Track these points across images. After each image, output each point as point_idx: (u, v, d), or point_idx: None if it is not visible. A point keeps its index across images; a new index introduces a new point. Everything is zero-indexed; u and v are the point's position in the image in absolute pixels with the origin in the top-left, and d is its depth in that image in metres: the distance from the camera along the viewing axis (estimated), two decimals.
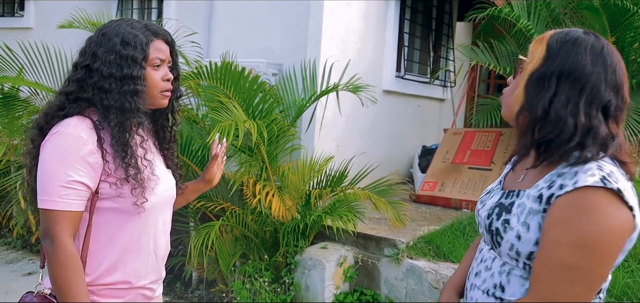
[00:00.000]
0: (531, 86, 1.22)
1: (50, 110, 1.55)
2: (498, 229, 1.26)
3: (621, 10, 4.46)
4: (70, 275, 1.45)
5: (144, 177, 1.54)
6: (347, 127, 5.11)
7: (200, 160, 4.00)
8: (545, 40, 1.25)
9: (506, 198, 1.29)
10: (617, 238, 1.12)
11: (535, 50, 1.26)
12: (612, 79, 1.19)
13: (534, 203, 1.21)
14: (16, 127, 4.40)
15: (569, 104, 1.17)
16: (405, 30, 5.99)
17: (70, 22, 4.48)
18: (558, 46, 1.22)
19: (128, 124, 1.53)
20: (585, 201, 1.11)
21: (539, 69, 1.22)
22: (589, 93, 1.17)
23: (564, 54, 1.20)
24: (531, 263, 1.20)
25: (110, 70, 1.51)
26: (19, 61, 4.46)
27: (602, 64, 1.19)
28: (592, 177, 1.12)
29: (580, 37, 1.21)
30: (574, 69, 1.18)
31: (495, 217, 1.28)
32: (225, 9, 5.30)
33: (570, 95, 1.18)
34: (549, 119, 1.19)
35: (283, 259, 3.90)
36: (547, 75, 1.20)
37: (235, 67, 3.75)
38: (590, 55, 1.19)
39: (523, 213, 1.22)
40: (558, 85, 1.19)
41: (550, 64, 1.21)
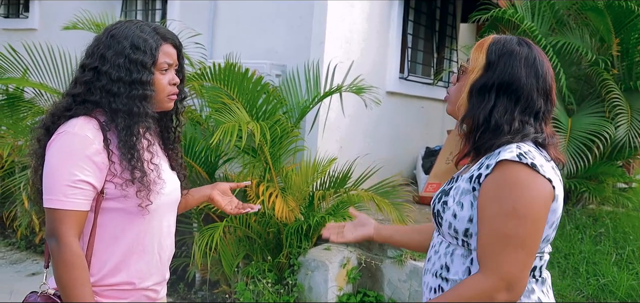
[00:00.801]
0: (474, 96, 1.37)
1: (56, 111, 1.55)
2: (439, 211, 1.41)
3: (626, 11, 4.44)
4: (75, 274, 1.45)
5: (150, 180, 1.54)
6: (351, 128, 5.10)
7: (203, 161, 4.00)
8: (485, 48, 1.39)
9: (448, 185, 1.45)
10: (541, 205, 1.27)
11: (477, 57, 1.39)
12: (542, 87, 1.36)
13: (465, 183, 1.36)
14: (20, 128, 4.41)
15: (506, 113, 1.34)
16: (408, 32, 5.99)
17: (75, 24, 4.49)
18: (497, 57, 1.36)
19: (136, 127, 1.53)
20: (508, 174, 1.26)
21: (479, 80, 1.37)
22: (523, 102, 1.34)
23: (502, 66, 1.35)
24: (468, 240, 1.35)
25: (119, 74, 1.51)
26: (23, 62, 4.47)
27: (534, 75, 1.35)
28: (510, 153, 1.28)
29: (515, 49, 1.36)
30: (511, 82, 1.34)
31: (437, 201, 1.43)
32: (229, 10, 5.30)
33: (508, 106, 1.34)
34: (489, 127, 1.34)
35: (286, 260, 3.90)
36: (488, 87, 1.35)
37: (238, 68, 3.75)
38: (524, 67, 1.34)
39: (457, 194, 1.37)
40: (497, 97, 1.34)
41: (490, 75, 1.35)
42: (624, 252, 4.09)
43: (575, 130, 4.27)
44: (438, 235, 1.46)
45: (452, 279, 1.37)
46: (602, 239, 4.36)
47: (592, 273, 3.80)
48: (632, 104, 4.42)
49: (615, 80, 4.52)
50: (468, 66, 1.41)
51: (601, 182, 5.06)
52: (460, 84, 1.43)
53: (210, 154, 3.96)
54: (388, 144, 5.72)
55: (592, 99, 4.69)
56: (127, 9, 6.23)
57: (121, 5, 6.19)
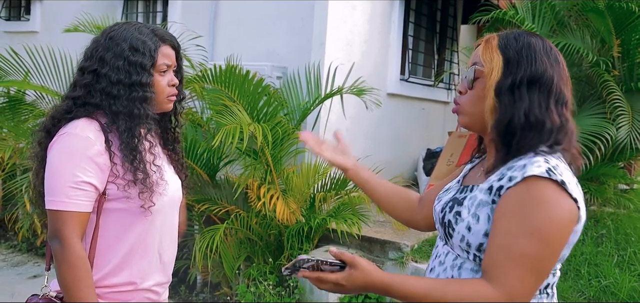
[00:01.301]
0: (505, 96, 1.25)
1: (57, 113, 1.55)
2: (450, 221, 1.30)
3: (626, 12, 4.44)
4: (78, 275, 1.45)
5: (153, 182, 1.54)
6: (352, 130, 5.11)
7: (205, 163, 4.00)
8: (495, 46, 1.29)
9: (461, 194, 1.34)
10: (565, 228, 1.18)
11: (490, 58, 1.28)
12: (564, 75, 1.28)
13: (484, 195, 1.26)
14: (22, 131, 4.42)
15: (542, 107, 1.24)
16: (409, 33, 5.99)
17: (76, 26, 4.50)
18: (516, 53, 1.26)
19: (136, 129, 1.53)
20: (535, 191, 1.16)
21: (504, 79, 1.26)
22: (554, 93, 1.25)
23: (525, 60, 1.25)
24: (481, 255, 1.25)
25: (118, 77, 1.52)
26: (24, 65, 4.48)
27: (557, 63, 1.27)
28: (539, 168, 1.17)
29: (532, 41, 1.28)
30: (540, 75, 1.25)
31: (448, 210, 1.32)
32: (230, 12, 5.31)
33: (542, 100, 1.25)
34: (530, 125, 1.24)
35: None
36: (517, 85, 1.25)
37: (239, 70, 3.75)
38: (547, 57, 1.26)
39: (473, 205, 1.26)
40: (529, 93, 1.24)
41: (515, 72, 1.25)
42: (626, 254, 4.09)
43: None
44: (444, 245, 1.36)
45: None
46: (603, 241, 4.35)
47: (593, 275, 3.80)
48: (633, 105, 4.41)
49: (616, 82, 4.52)
50: (483, 69, 1.29)
51: (602, 184, 5.05)
52: (476, 91, 1.31)
53: (212, 156, 3.96)
54: (389, 146, 5.72)
55: (593, 100, 4.69)
56: (128, 11, 6.24)
57: (122, 7, 6.20)
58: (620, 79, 4.69)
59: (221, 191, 4.09)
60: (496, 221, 1.21)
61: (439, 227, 1.37)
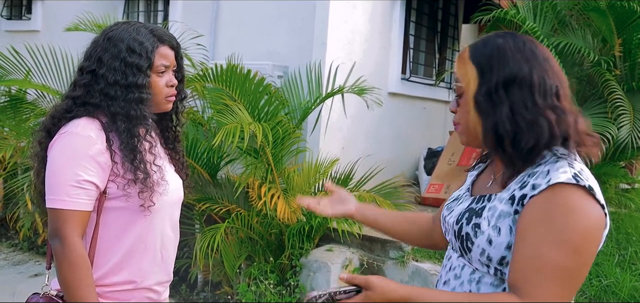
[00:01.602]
0: (483, 105, 1.21)
1: (57, 113, 1.56)
2: (468, 234, 1.23)
3: (628, 12, 4.43)
4: (79, 274, 1.45)
5: (153, 182, 1.54)
6: (353, 129, 5.10)
7: (205, 163, 4.01)
8: (468, 59, 1.26)
9: (477, 204, 1.27)
10: (596, 235, 1.13)
11: (464, 73, 1.26)
12: (547, 65, 1.21)
13: (505, 205, 1.19)
14: (23, 130, 4.43)
15: (528, 104, 1.18)
16: (410, 32, 5.99)
17: (77, 25, 4.50)
18: (486, 60, 1.22)
19: (135, 130, 1.53)
20: (562, 198, 1.11)
21: (480, 88, 1.22)
22: (538, 88, 1.18)
23: (497, 63, 1.20)
24: (502, 269, 1.19)
25: (115, 78, 1.52)
26: (26, 64, 4.49)
27: (534, 58, 1.20)
28: (565, 174, 1.12)
29: (499, 43, 1.23)
30: (515, 73, 1.19)
31: (465, 222, 1.25)
32: (231, 12, 5.31)
33: (525, 97, 1.18)
34: (520, 128, 1.18)
35: (288, 261, 3.90)
36: (493, 89, 1.20)
37: (240, 70, 3.75)
38: (518, 55, 1.20)
39: (494, 217, 1.20)
40: (508, 94, 1.19)
41: (489, 79, 1.20)
42: (627, 253, 4.08)
43: None
44: (459, 258, 1.29)
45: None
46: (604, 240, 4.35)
47: (594, 274, 3.79)
48: (634, 104, 4.41)
49: (618, 81, 4.51)
50: (462, 84, 1.27)
51: (604, 183, 5.04)
52: (462, 108, 1.28)
53: (213, 155, 3.96)
54: (390, 145, 5.71)
55: (595, 99, 4.68)
56: (129, 11, 6.24)
57: (123, 6, 6.20)
58: (621, 79, 4.68)
59: (222, 190, 4.10)
60: (522, 232, 1.14)
61: (454, 239, 1.30)
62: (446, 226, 1.36)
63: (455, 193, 1.44)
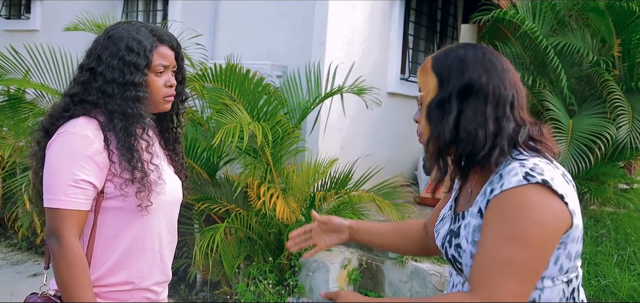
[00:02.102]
0: (433, 114, 1.25)
1: (55, 112, 1.56)
2: (454, 256, 1.27)
3: (627, 12, 4.44)
4: (77, 274, 1.45)
5: (151, 181, 1.54)
6: (352, 129, 5.10)
7: (204, 163, 4.00)
8: (429, 68, 1.28)
9: (454, 224, 1.31)
10: (549, 229, 1.14)
11: (425, 81, 1.29)
12: (507, 77, 1.24)
13: (475, 219, 1.23)
14: (22, 129, 4.42)
15: (477, 116, 1.21)
16: (409, 32, 5.99)
17: (76, 25, 4.50)
18: (446, 70, 1.25)
19: (132, 128, 1.53)
20: (514, 198, 1.14)
21: (435, 98, 1.25)
22: (492, 98, 1.21)
23: (455, 74, 1.23)
24: None
25: (113, 75, 1.52)
26: (25, 63, 4.48)
27: (493, 68, 1.23)
28: (516, 176, 1.15)
29: (460, 53, 1.25)
30: (471, 84, 1.21)
31: (448, 245, 1.29)
32: (230, 11, 5.31)
33: (477, 107, 1.21)
34: (459, 138, 1.21)
35: (287, 261, 3.90)
36: (446, 98, 1.23)
37: (240, 69, 3.75)
38: (478, 65, 1.23)
39: (469, 233, 1.23)
40: (462, 103, 1.22)
41: (446, 88, 1.24)
42: (626, 253, 4.09)
43: (577, 131, 4.27)
44: (457, 275, 1.34)
45: None
46: (603, 240, 4.35)
47: (593, 275, 3.80)
48: (633, 104, 4.41)
49: (617, 81, 4.52)
50: (422, 94, 1.30)
51: (602, 183, 5.05)
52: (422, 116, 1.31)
53: (212, 155, 3.96)
54: (389, 145, 5.71)
55: (594, 99, 4.69)
56: (128, 10, 6.24)
57: (122, 6, 6.20)
58: (620, 79, 4.68)
59: (221, 190, 4.09)
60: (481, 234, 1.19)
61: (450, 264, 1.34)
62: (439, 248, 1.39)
63: (441, 212, 1.46)
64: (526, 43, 4.95)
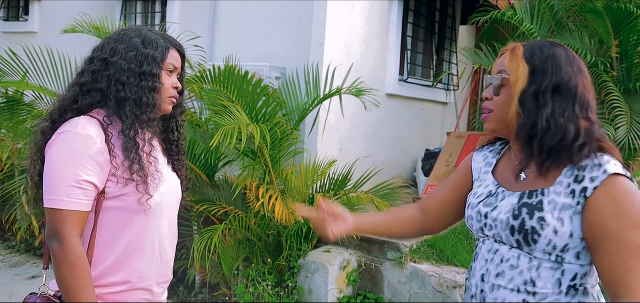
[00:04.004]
0: (529, 103, 1.35)
1: (64, 103, 1.57)
2: (534, 227, 1.32)
3: (624, 13, 4.45)
4: (78, 275, 1.45)
5: (148, 173, 1.55)
6: (350, 130, 5.11)
7: (203, 164, 4.00)
8: (521, 55, 1.39)
9: (531, 198, 1.36)
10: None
11: (515, 68, 1.38)
12: (587, 83, 1.37)
13: (565, 198, 1.31)
14: (20, 131, 4.41)
15: (566, 113, 1.33)
16: (408, 34, 6.00)
17: (74, 27, 4.50)
18: (541, 62, 1.36)
19: (143, 117, 1.57)
20: (622, 187, 1.26)
21: (529, 87, 1.35)
22: (579, 100, 1.34)
23: (550, 69, 1.35)
24: (563, 255, 1.31)
25: (129, 65, 1.56)
26: (23, 65, 4.48)
27: (580, 72, 1.37)
28: (616, 166, 1.28)
29: (555, 51, 1.37)
30: (565, 83, 1.34)
31: (528, 217, 1.34)
32: (229, 13, 5.31)
33: (566, 106, 1.33)
34: (552, 129, 1.32)
35: (286, 263, 3.90)
36: (542, 92, 1.34)
37: (238, 71, 3.75)
38: (570, 66, 1.36)
39: (556, 209, 1.31)
40: (553, 99, 1.34)
41: (541, 81, 1.35)
42: None
43: None
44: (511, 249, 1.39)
45: (540, 292, 1.34)
46: None
47: None
48: (631, 105, 4.42)
49: (615, 82, 4.53)
50: (509, 77, 1.39)
51: None
52: (502, 98, 1.41)
53: (210, 157, 3.96)
54: (388, 146, 5.72)
55: None
56: (126, 12, 6.24)
57: (120, 8, 6.20)
58: (618, 80, 4.69)
59: (220, 191, 4.09)
60: (599, 228, 1.27)
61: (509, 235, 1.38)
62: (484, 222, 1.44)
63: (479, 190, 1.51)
64: None
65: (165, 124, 1.75)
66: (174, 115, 1.75)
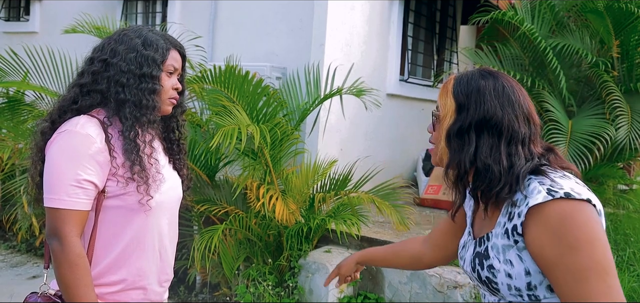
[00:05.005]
0: (453, 142, 1.29)
1: (64, 104, 1.57)
2: (489, 278, 1.29)
3: (625, 13, 4.44)
4: (78, 274, 1.45)
5: (149, 174, 1.55)
6: (351, 130, 5.11)
7: (203, 164, 4.00)
8: (450, 90, 1.32)
9: (480, 246, 1.34)
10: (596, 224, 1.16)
11: (444, 102, 1.33)
12: (521, 113, 1.28)
13: (503, 239, 1.26)
14: (21, 131, 4.42)
15: (492, 151, 1.25)
16: (408, 34, 5.99)
17: (75, 27, 4.50)
18: (465, 97, 1.29)
19: (143, 119, 1.56)
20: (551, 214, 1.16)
21: (454, 124, 1.29)
22: (506, 135, 1.25)
23: (474, 104, 1.27)
24: (534, 293, 1.23)
25: (129, 67, 1.56)
26: (24, 65, 4.48)
27: (509, 104, 1.27)
28: (539, 194, 1.18)
29: (480, 84, 1.29)
30: (488, 118, 1.26)
31: (480, 268, 1.32)
32: (229, 13, 5.31)
33: (492, 143, 1.26)
34: (477, 169, 1.27)
35: (287, 263, 3.90)
36: (465, 129, 1.27)
37: (239, 71, 3.75)
38: (496, 99, 1.27)
39: (500, 253, 1.26)
40: (478, 137, 1.26)
41: (464, 117, 1.28)
42: (625, 254, 4.09)
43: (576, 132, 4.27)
44: (491, 295, 1.34)
45: None
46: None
47: None
48: (632, 105, 4.41)
49: (616, 82, 4.52)
50: (439, 113, 1.34)
51: (602, 184, 5.05)
52: (437, 133, 1.36)
53: (211, 157, 3.96)
54: (388, 146, 5.72)
55: (593, 100, 4.69)
56: (127, 12, 6.24)
57: (121, 8, 6.20)
58: (619, 80, 4.69)
59: (220, 191, 4.09)
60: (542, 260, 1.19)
61: (480, 285, 1.35)
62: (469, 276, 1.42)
63: (462, 240, 1.49)
64: (525, 44, 4.96)
65: (166, 124, 1.74)
66: (175, 115, 1.74)
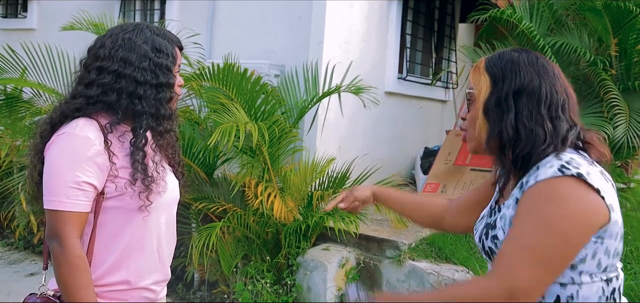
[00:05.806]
0: (492, 113, 1.30)
1: (68, 110, 1.54)
2: (491, 248, 1.32)
3: (624, 12, 4.45)
4: (78, 276, 1.45)
5: (152, 181, 1.55)
6: (349, 128, 5.10)
7: (202, 162, 4.00)
8: (483, 69, 1.35)
9: (490, 217, 1.37)
10: (579, 221, 1.17)
11: (478, 80, 1.35)
12: (558, 82, 1.30)
13: (512, 210, 1.27)
14: (19, 128, 4.41)
15: (533, 115, 1.27)
16: (407, 32, 5.99)
17: (73, 24, 4.49)
18: (500, 70, 1.31)
19: (159, 129, 1.57)
20: (547, 189, 1.18)
21: (491, 96, 1.31)
22: (545, 100, 1.27)
23: (509, 75, 1.30)
24: None
25: (145, 77, 1.54)
26: (21, 62, 4.47)
27: (545, 72, 1.30)
28: (551, 168, 1.19)
29: (514, 57, 1.32)
30: (525, 85, 1.28)
31: (485, 238, 1.34)
32: (228, 10, 5.30)
33: (532, 108, 1.27)
34: (520, 135, 1.27)
35: (285, 261, 3.90)
36: (503, 98, 1.29)
37: (237, 69, 3.75)
38: (531, 68, 1.30)
39: (506, 224, 1.28)
40: (516, 103, 1.28)
41: (501, 88, 1.30)
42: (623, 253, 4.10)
43: None
44: None
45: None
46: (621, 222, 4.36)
47: None
48: (630, 104, 4.42)
49: (614, 81, 4.53)
50: (474, 92, 1.35)
51: None
52: (472, 114, 1.37)
53: (209, 155, 3.96)
54: (387, 144, 5.72)
55: (591, 99, 4.69)
56: (125, 9, 6.22)
57: (119, 5, 6.18)
58: (617, 78, 4.69)
59: (218, 189, 4.09)
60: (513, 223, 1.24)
61: (484, 255, 1.38)
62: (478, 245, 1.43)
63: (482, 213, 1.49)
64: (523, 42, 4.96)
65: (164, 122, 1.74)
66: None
